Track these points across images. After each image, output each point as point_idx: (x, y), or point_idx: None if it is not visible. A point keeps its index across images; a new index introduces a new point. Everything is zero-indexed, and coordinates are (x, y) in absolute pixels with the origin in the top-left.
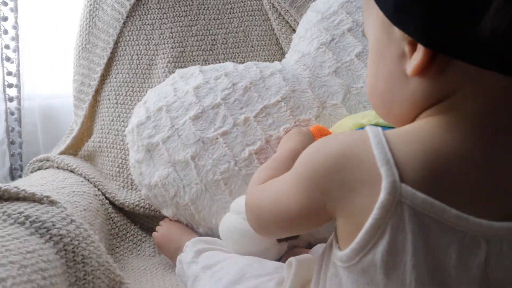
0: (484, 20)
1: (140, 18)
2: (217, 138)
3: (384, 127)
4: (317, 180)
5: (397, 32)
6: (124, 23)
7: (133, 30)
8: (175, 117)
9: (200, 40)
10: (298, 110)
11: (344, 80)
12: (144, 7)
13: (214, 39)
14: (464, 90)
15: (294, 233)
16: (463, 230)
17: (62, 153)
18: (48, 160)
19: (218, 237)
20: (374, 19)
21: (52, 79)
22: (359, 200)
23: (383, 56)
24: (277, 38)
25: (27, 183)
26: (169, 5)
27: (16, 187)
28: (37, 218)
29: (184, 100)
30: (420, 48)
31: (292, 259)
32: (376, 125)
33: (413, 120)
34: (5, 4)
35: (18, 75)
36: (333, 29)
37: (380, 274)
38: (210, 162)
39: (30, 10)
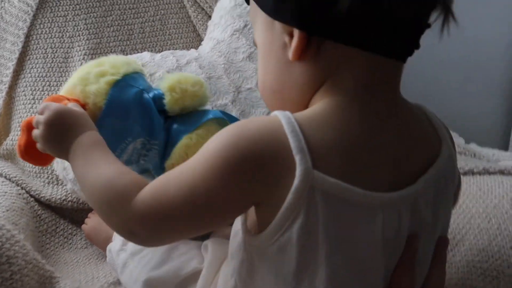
0: (340, 0)
1: (51, 10)
2: None
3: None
4: (236, 178)
5: (277, 26)
6: (34, 16)
7: (44, 22)
8: None
9: (117, 30)
10: (215, 96)
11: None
12: None
13: (131, 29)
14: (341, 69)
15: (201, 232)
16: (367, 205)
17: None
18: None
19: None
20: (260, 24)
21: None
22: (279, 191)
23: (270, 51)
24: (194, 26)
25: None
26: None
27: None
28: None
29: None
30: (296, 33)
31: (207, 242)
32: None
33: (307, 105)
34: None
35: None
36: (246, 15)
37: (295, 250)
38: None
39: None
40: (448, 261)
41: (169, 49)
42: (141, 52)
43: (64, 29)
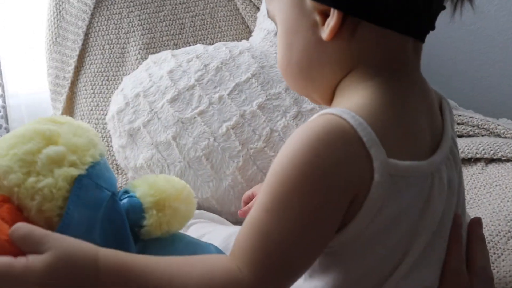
0: None
1: (107, 8)
2: (195, 118)
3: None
4: (327, 190)
5: (308, 4)
6: (92, 14)
7: (101, 20)
8: (153, 101)
9: (169, 25)
10: (268, 84)
11: None
12: None
13: (182, 23)
14: (375, 51)
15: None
16: (425, 175)
17: None
18: None
19: (204, 209)
20: (282, 1)
21: (34, 75)
22: (364, 185)
23: (296, 29)
24: (242, 18)
25: None
26: None
27: None
28: None
29: (160, 84)
30: (334, 13)
31: None
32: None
33: (333, 86)
34: None
35: (0, 74)
36: None
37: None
38: (190, 140)
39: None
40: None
41: (219, 42)
42: (193, 45)
43: (119, 26)
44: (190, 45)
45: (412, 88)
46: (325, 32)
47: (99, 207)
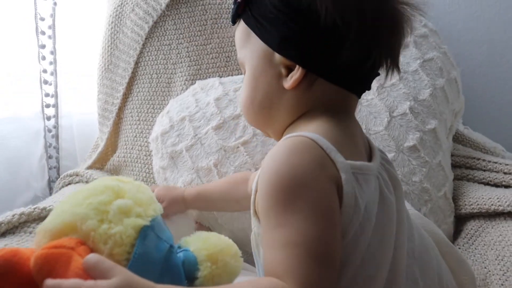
0: (342, 52)
1: (158, 39)
2: (238, 147)
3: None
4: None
5: (277, 58)
6: (143, 44)
7: (151, 50)
8: (197, 127)
9: (215, 57)
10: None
11: None
12: (161, 29)
13: (228, 56)
14: (325, 100)
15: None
16: (371, 173)
17: (89, 167)
18: (77, 175)
19: (239, 239)
20: (254, 51)
21: (88, 97)
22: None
23: (263, 76)
24: None
25: (62, 199)
26: (185, 25)
27: None
28: None
29: (206, 110)
30: (299, 69)
31: None
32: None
33: (286, 125)
34: (43, 33)
35: (56, 95)
36: None
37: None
38: (231, 169)
39: (67, 34)
40: None
41: None
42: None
43: (168, 56)
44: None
45: (350, 120)
46: (288, 82)
47: (159, 256)
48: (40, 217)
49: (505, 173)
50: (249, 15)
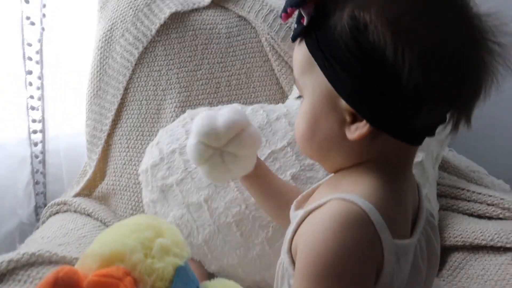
0: (418, 116)
1: (148, 65)
2: (228, 182)
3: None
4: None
5: (343, 104)
6: (133, 70)
7: (141, 76)
8: (188, 160)
9: (205, 84)
10: (303, 155)
11: None
12: (151, 55)
13: (218, 82)
14: (387, 154)
15: None
16: (411, 249)
17: (77, 194)
18: (65, 204)
19: (230, 275)
20: (316, 86)
21: (76, 119)
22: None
23: (324, 117)
24: (277, 78)
25: (51, 235)
26: (175, 51)
27: (48, 251)
28: None
29: None
30: (366, 124)
31: None
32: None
33: (342, 167)
34: (30, 59)
35: (43, 121)
36: None
37: None
38: (222, 205)
39: (55, 58)
40: None
41: (253, 101)
42: (227, 104)
43: (158, 83)
44: (225, 104)
45: (404, 178)
46: (353, 134)
47: None
48: (29, 263)
49: (488, 204)
50: (315, 44)
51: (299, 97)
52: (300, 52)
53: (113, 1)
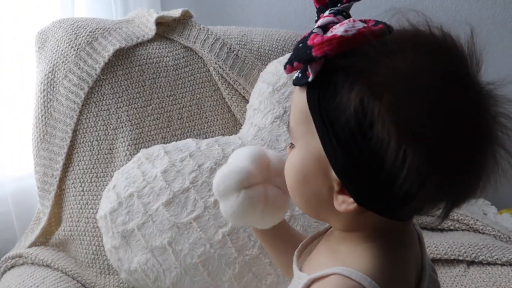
0: (409, 202)
1: (96, 104)
2: (190, 223)
3: None
4: None
5: (333, 173)
6: (80, 111)
7: (90, 117)
8: (147, 203)
9: (157, 119)
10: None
11: None
12: (98, 94)
13: (170, 116)
14: (374, 228)
15: None
16: None
17: (32, 244)
18: (20, 257)
19: None
20: (310, 147)
21: (23, 160)
22: None
23: (312, 180)
24: (228, 107)
25: None
26: (123, 88)
27: None
28: None
29: (154, 185)
30: (351, 203)
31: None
32: None
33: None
34: None
35: None
36: (284, 101)
37: None
38: (186, 246)
39: None
40: None
41: (206, 132)
42: (181, 138)
43: (108, 122)
44: (178, 138)
45: (404, 243)
46: (340, 206)
47: None
48: None
49: (451, 219)
50: (316, 105)
51: (292, 145)
52: (300, 99)
53: (52, 40)
